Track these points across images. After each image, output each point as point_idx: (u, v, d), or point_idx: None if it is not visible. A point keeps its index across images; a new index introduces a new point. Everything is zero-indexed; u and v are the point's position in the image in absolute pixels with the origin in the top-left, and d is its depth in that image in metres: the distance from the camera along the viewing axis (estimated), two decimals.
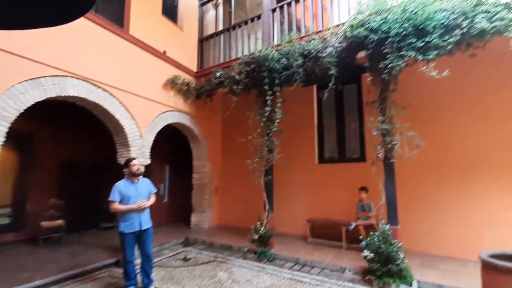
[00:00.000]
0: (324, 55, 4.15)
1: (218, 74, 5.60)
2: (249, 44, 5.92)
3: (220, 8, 6.93)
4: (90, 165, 6.59)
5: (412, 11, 3.27)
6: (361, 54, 3.94)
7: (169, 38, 5.81)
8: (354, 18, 3.91)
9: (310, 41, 4.45)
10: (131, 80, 4.83)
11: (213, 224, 6.85)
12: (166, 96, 5.61)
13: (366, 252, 3.51)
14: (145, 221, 3.36)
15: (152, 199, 3.57)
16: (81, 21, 3.87)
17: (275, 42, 5.36)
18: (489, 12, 3.02)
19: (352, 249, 4.68)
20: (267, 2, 5.67)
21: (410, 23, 3.29)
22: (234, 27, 6.25)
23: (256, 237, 4.58)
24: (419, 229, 4.61)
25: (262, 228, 4.61)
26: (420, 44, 3.26)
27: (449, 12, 3.16)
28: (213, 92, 5.89)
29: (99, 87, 4.25)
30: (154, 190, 3.69)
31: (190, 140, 6.70)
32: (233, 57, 5.97)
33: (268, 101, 4.65)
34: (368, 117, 4.02)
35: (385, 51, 3.49)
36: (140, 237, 3.34)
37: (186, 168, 7.09)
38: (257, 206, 5.37)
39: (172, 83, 5.64)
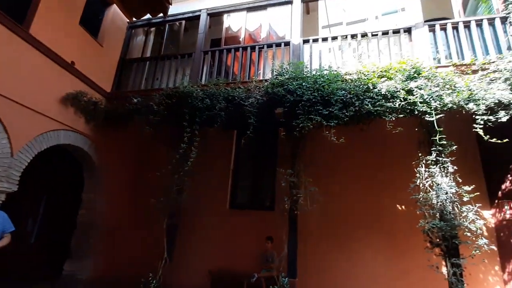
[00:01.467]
0: (246, 103, 4.35)
1: (135, 100, 5.14)
2: (176, 78, 5.79)
3: (151, 36, 6.73)
4: None
5: (321, 84, 3.87)
6: (279, 110, 4.32)
7: (82, 50, 5.16)
8: (276, 77, 4.35)
9: (235, 88, 4.66)
10: (17, 84, 3.91)
11: (95, 274, 5.55)
12: (64, 112, 4.74)
13: None
14: None
15: (5, 240, 2.70)
16: None
17: (202, 82, 5.41)
18: (373, 98, 3.81)
19: None
20: (201, 44, 5.83)
21: (319, 93, 3.86)
22: (163, 58, 6.08)
23: None
24: (318, 283, 4.81)
25: (155, 281, 3.96)
26: (325, 112, 3.80)
27: (347, 92, 3.86)
28: (128, 119, 5.30)
29: None
30: (11, 228, 2.80)
31: (84, 167, 5.65)
32: (156, 87, 5.68)
33: (185, 139, 4.44)
34: (280, 168, 4.26)
35: (298, 111, 3.91)
36: None
37: (74, 201, 5.82)
38: (160, 254, 4.70)
39: (74, 99, 4.84)
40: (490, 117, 3.49)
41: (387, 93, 3.80)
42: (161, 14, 6.09)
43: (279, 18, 5.78)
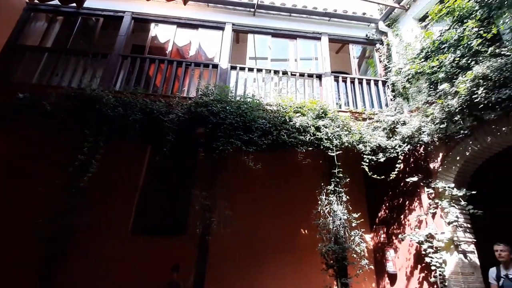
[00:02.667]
0: (166, 119, 4.09)
1: (21, 96, 4.14)
2: (82, 79, 5.00)
3: (57, 26, 5.73)
4: None
5: (244, 110, 4.02)
6: (201, 130, 4.23)
7: None
8: (201, 97, 4.29)
9: (155, 101, 4.34)
10: None
11: None
12: None
13: None
14: None
15: None
16: None
17: (117, 88, 4.84)
18: (289, 130, 4.19)
19: None
20: (120, 47, 5.29)
21: (241, 118, 3.99)
22: (69, 53, 5.20)
23: None
24: None
25: None
26: (245, 137, 3.93)
27: (267, 121, 4.13)
28: (8, 117, 4.18)
29: None
30: None
31: None
32: (54, 84, 4.75)
33: (85, 149, 3.78)
34: (196, 190, 4.08)
35: (219, 134, 3.91)
36: None
37: None
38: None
39: None
40: (373, 157, 4.31)
41: (300, 127, 4.24)
42: (74, 4, 5.29)
43: (210, 40, 5.86)
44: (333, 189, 4.22)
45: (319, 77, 5.54)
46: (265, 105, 4.60)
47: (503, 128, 3.45)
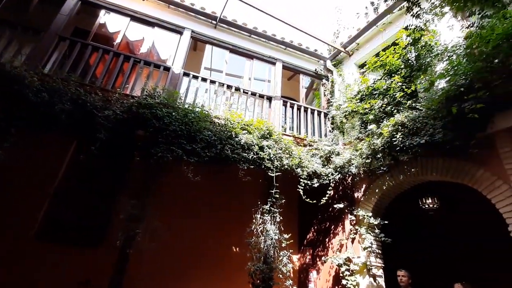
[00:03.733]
0: (100, 114, 3.69)
1: None
2: (4, 53, 4.23)
3: None
4: None
5: (191, 119, 3.90)
6: (140, 132, 3.92)
7: None
8: (146, 98, 4.02)
9: (91, 93, 3.90)
10: None
11: None
12: None
13: None
14: None
15: None
16: None
17: (46, 71, 4.22)
18: (233, 146, 4.20)
19: None
20: (60, 26, 4.69)
21: (186, 127, 3.85)
22: None
23: None
24: None
25: None
26: (188, 147, 3.78)
27: (213, 134, 4.07)
28: None
29: None
30: None
31: None
32: None
33: None
34: (124, 197, 3.71)
35: (160, 139, 3.68)
36: None
37: None
38: None
39: None
40: (309, 182, 4.59)
41: (245, 144, 4.30)
42: None
43: (166, 41, 5.65)
44: (268, 208, 4.31)
45: (269, 99, 5.78)
46: (213, 117, 4.55)
47: (413, 169, 4.06)
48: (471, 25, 3.44)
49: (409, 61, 4.53)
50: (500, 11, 2.95)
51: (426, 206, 5.10)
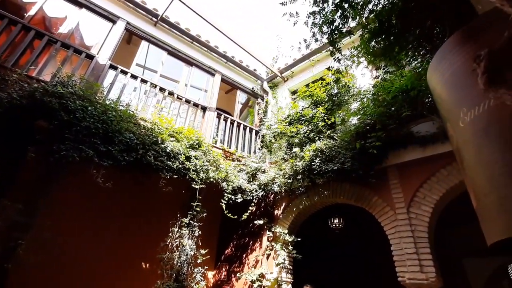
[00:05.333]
0: None
1: None
2: None
3: None
4: None
5: (111, 117, 3.48)
6: (42, 123, 3.29)
7: None
8: (55, 85, 3.40)
9: None
10: None
11: None
12: None
13: None
14: None
15: None
16: None
17: None
18: (158, 152, 3.92)
19: None
20: None
21: (104, 125, 3.41)
22: None
23: None
24: None
25: None
26: (102, 148, 3.34)
27: (135, 137, 3.71)
28: None
29: None
30: None
31: None
32: None
33: None
34: (6, 200, 2.99)
35: (67, 136, 3.16)
36: None
37: None
38: None
39: None
40: (233, 197, 4.61)
41: (171, 152, 4.06)
42: None
43: (94, 27, 5.02)
44: (188, 222, 4.12)
45: (204, 109, 5.68)
46: (139, 119, 4.18)
47: (326, 192, 4.52)
48: (378, 76, 4.16)
49: (332, 96, 5.14)
50: (399, 69, 3.66)
51: (334, 225, 5.70)
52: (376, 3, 2.49)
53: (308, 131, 5.02)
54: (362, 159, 3.78)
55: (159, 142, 4.01)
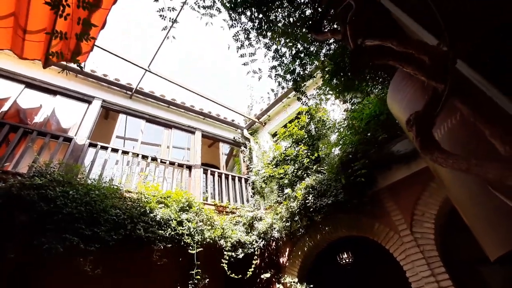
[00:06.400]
0: None
1: None
2: None
3: None
4: None
5: (93, 197, 3.38)
6: (22, 217, 3.12)
7: None
8: (33, 177, 3.31)
9: None
10: None
11: None
12: None
13: None
14: None
15: None
16: None
17: None
18: (147, 223, 3.75)
19: None
20: None
21: (87, 207, 3.28)
22: None
23: None
24: None
25: None
26: (88, 232, 3.17)
27: (122, 212, 3.58)
28: None
29: None
30: None
31: None
32: None
33: None
34: None
35: (49, 226, 2.99)
36: None
37: None
38: None
39: None
40: (233, 253, 4.36)
41: (161, 220, 3.90)
42: None
43: (69, 109, 5.14)
44: None
45: (189, 167, 5.66)
46: (124, 192, 4.07)
47: (326, 227, 4.39)
48: (347, 108, 4.43)
49: (311, 132, 5.34)
50: (364, 98, 3.93)
51: (343, 261, 5.42)
52: (328, 48, 2.79)
53: (295, 170, 5.06)
54: (353, 188, 3.79)
55: (148, 212, 3.87)
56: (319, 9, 2.25)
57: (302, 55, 2.74)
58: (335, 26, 2.34)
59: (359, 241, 4.63)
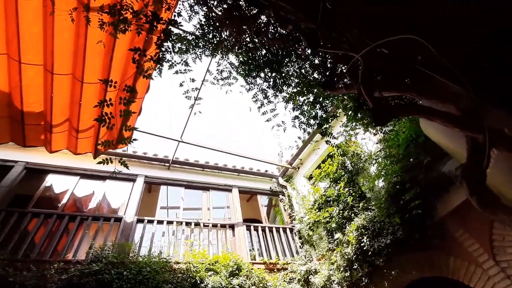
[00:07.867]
0: None
1: None
2: None
3: None
4: None
5: (146, 275, 3.41)
6: None
7: None
8: (90, 263, 3.49)
9: (22, 271, 3.29)
10: None
11: None
12: None
13: None
14: None
15: None
16: None
17: None
18: None
19: None
20: None
21: (141, 287, 3.30)
22: None
23: None
24: None
25: None
26: None
27: (173, 286, 3.52)
28: None
29: None
30: None
31: None
32: None
33: None
34: None
35: None
36: None
37: None
38: None
39: None
40: None
41: None
42: None
43: (118, 190, 5.58)
44: None
45: (231, 227, 5.60)
46: (173, 264, 4.07)
47: (392, 272, 3.88)
48: (380, 139, 4.27)
49: (347, 168, 5.13)
50: (395, 123, 3.79)
51: None
52: None
53: (341, 211, 4.76)
54: (410, 222, 3.42)
55: (198, 282, 3.77)
56: (327, 63, 2.37)
57: (321, 99, 2.82)
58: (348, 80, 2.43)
59: (439, 283, 3.99)
